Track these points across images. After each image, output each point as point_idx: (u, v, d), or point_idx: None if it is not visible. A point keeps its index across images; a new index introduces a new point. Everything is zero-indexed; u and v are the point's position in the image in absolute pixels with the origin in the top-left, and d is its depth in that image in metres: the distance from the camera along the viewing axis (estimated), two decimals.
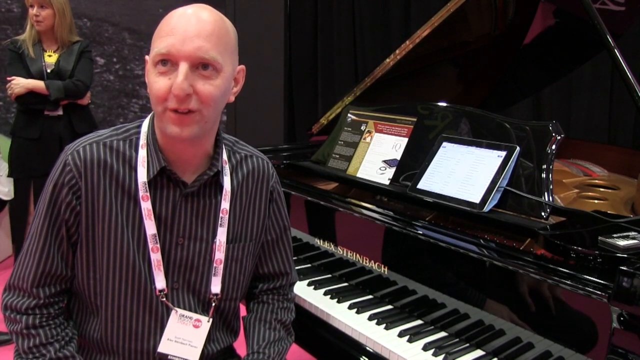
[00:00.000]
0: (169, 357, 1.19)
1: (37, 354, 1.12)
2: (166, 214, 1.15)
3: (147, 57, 1.12)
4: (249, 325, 1.31)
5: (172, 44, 1.03)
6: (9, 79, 2.81)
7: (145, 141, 1.15)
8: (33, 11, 2.79)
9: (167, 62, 1.05)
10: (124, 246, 1.12)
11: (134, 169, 1.13)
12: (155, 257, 1.14)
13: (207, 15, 1.08)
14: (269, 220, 1.30)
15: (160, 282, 1.15)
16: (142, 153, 1.13)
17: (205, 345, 1.22)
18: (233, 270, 1.23)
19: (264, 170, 1.28)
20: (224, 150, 1.22)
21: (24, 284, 1.13)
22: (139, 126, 1.18)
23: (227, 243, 1.21)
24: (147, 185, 1.12)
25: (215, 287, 1.20)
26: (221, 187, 1.19)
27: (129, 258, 1.13)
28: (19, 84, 2.77)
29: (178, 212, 1.16)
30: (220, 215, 1.19)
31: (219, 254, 1.19)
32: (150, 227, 1.13)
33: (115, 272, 1.13)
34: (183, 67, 1.03)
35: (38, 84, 2.79)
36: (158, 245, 1.14)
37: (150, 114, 1.18)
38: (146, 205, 1.12)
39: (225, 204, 1.20)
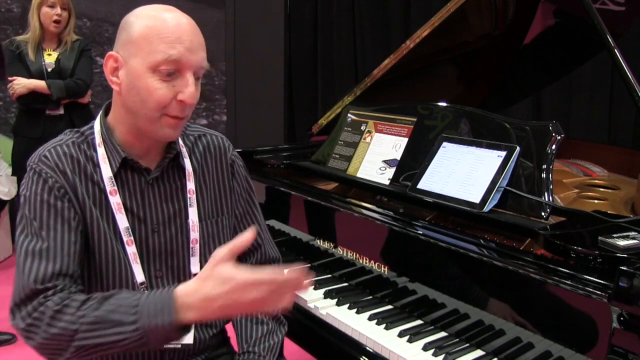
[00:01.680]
0: (164, 345, 1.18)
1: (78, 313, 0.99)
2: (137, 204, 1.17)
3: (113, 54, 1.12)
4: (236, 322, 1.32)
5: (182, 52, 1.06)
6: (10, 79, 2.81)
7: (102, 139, 1.16)
8: (54, 11, 2.79)
9: (172, 70, 1.07)
10: (102, 241, 1.13)
11: (97, 166, 1.15)
12: (131, 250, 1.15)
13: (192, 21, 1.12)
14: (234, 194, 1.31)
15: (139, 275, 1.15)
16: (101, 151, 1.15)
17: (197, 331, 1.22)
18: (212, 247, 1.24)
19: (220, 146, 1.31)
20: None
21: (35, 285, 1.03)
22: (92, 127, 1.19)
23: (200, 221, 1.23)
24: (113, 180, 1.14)
25: (195, 267, 1.21)
26: (183, 169, 1.22)
27: (107, 253, 1.14)
28: (20, 83, 2.78)
29: (147, 200, 1.18)
30: (188, 195, 1.22)
31: (194, 234, 1.21)
32: (123, 221, 1.14)
33: (102, 266, 1.14)
34: (191, 77, 1.09)
35: (39, 84, 2.79)
36: (132, 238, 1.15)
37: (100, 114, 1.19)
38: (115, 200, 1.14)
39: (190, 185, 1.22)
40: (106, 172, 1.14)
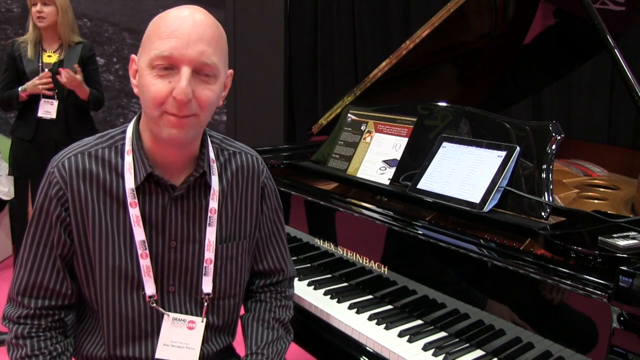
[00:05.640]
0: None
1: None
2: (156, 218, 1.14)
3: (134, 56, 1.11)
4: (247, 325, 1.31)
5: (175, 47, 1.02)
6: (38, 81, 2.77)
7: (131, 147, 1.14)
8: (36, 8, 2.78)
9: (167, 65, 1.03)
10: (115, 254, 1.12)
11: (121, 176, 1.13)
12: (145, 263, 1.13)
13: (205, 19, 1.07)
14: (262, 216, 1.29)
15: (149, 289, 1.14)
16: (128, 159, 1.13)
17: (203, 346, 1.22)
18: (229, 268, 1.23)
19: (254, 167, 1.27)
20: (212, 148, 1.21)
21: (13, 293, 1.14)
22: (124, 132, 1.17)
23: (221, 243, 1.20)
24: (135, 192, 1.12)
25: (207, 286, 1.20)
26: (209, 186, 1.19)
27: (121, 266, 1.13)
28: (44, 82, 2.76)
29: (168, 216, 1.15)
30: (209, 214, 1.19)
31: (208, 254, 1.19)
32: (139, 234, 1.12)
33: (108, 281, 1.13)
34: (186, 71, 1.03)
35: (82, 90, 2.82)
36: (147, 252, 1.13)
37: (134, 119, 1.18)
38: (134, 212, 1.12)
39: (213, 204, 1.19)
40: (129, 183, 1.12)
